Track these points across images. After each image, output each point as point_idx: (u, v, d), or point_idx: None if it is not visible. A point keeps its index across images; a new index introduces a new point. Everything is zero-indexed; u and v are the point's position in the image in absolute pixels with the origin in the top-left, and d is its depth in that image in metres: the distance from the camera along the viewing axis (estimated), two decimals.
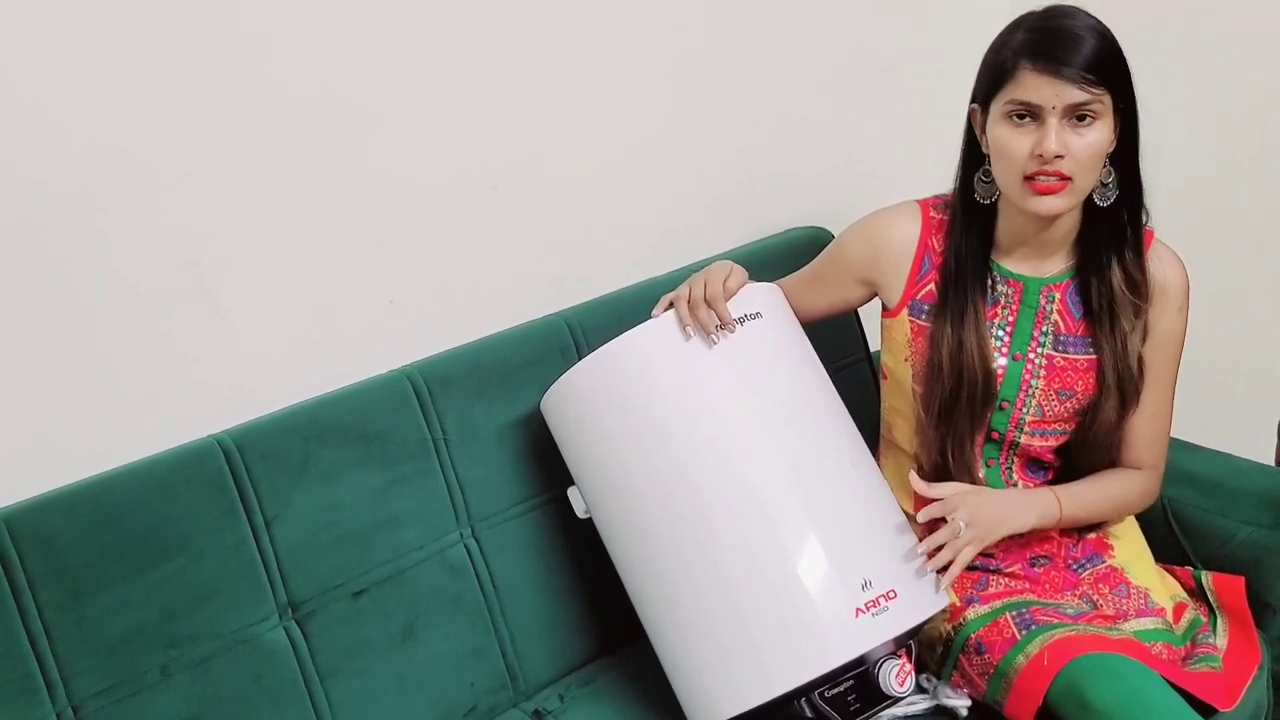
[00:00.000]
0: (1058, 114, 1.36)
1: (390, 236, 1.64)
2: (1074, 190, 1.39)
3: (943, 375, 1.49)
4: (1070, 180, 1.38)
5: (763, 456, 1.42)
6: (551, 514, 1.64)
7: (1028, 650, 1.39)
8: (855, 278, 1.60)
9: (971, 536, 1.42)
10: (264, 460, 1.45)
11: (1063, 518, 1.50)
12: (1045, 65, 1.35)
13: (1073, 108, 1.36)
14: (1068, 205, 1.41)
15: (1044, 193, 1.39)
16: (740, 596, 1.37)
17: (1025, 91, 1.37)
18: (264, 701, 1.42)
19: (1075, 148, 1.37)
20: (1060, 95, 1.35)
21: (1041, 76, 1.36)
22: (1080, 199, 1.42)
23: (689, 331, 1.43)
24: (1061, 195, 1.39)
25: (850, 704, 1.40)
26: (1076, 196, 1.41)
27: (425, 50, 1.62)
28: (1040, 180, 1.38)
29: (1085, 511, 1.53)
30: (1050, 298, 1.52)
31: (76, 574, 1.32)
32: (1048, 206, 1.40)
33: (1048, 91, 1.36)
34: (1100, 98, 1.35)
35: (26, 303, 1.38)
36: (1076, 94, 1.35)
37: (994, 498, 1.49)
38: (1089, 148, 1.37)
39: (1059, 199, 1.39)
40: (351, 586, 1.50)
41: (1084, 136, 1.37)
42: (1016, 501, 1.49)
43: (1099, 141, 1.38)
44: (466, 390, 1.60)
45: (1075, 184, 1.39)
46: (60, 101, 1.35)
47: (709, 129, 1.96)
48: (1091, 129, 1.37)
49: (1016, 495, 1.52)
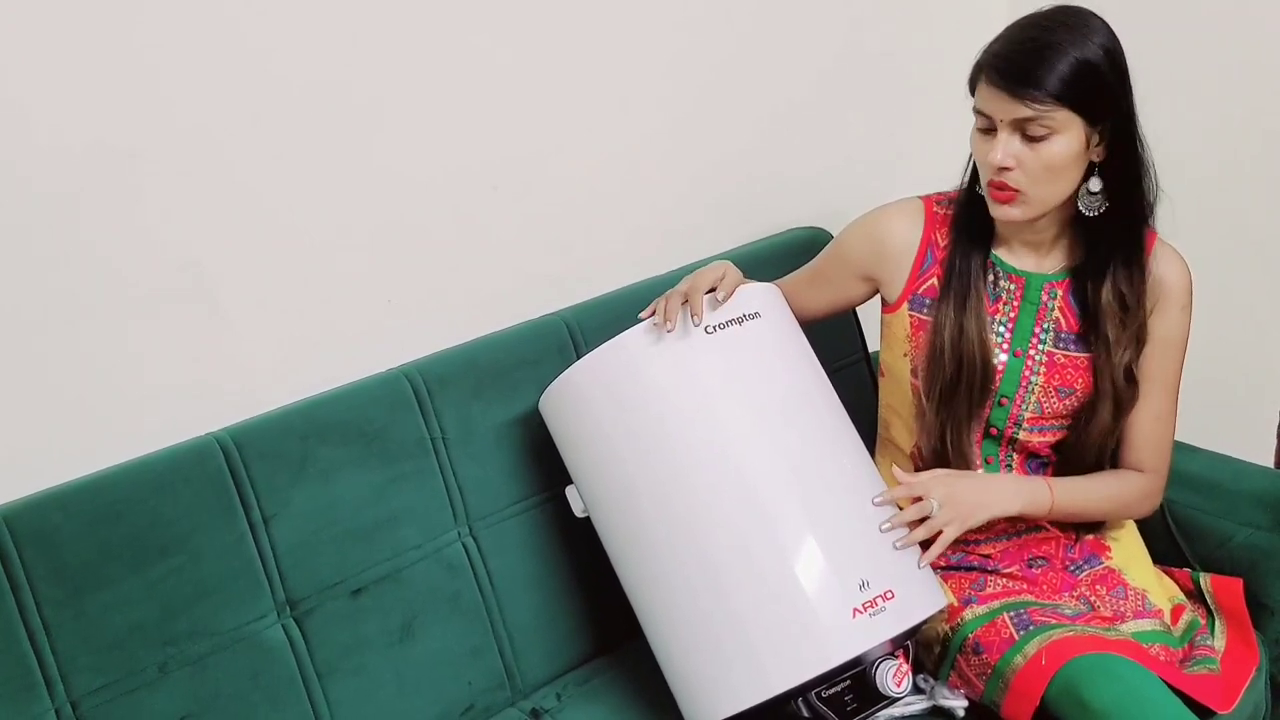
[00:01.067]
0: (1007, 127, 1.38)
1: (389, 236, 1.64)
2: (1027, 201, 1.42)
3: (944, 360, 1.50)
4: (1019, 192, 1.40)
5: (760, 456, 1.42)
6: (549, 513, 1.65)
7: (1025, 650, 1.39)
8: (857, 274, 1.61)
9: (951, 517, 1.42)
10: (262, 459, 1.46)
11: (1054, 508, 1.50)
12: (996, 79, 1.38)
13: (1018, 123, 1.37)
14: (1024, 215, 1.43)
15: (1000, 201, 1.43)
16: (737, 596, 1.37)
17: (981, 102, 1.41)
18: (262, 699, 1.42)
19: (1026, 160, 1.39)
20: (1007, 110, 1.37)
21: (990, 89, 1.39)
22: (1041, 209, 1.43)
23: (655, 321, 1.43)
24: (1014, 205, 1.42)
25: (847, 704, 1.39)
26: (1033, 207, 1.43)
27: (425, 50, 1.62)
28: (993, 189, 1.42)
29: (1079, 505, 1.52)
30: (1052, 294, 1.52)
31: (75, 571, 1.33)
32: (1003, 214, 1.44)
33: (996, 105, 1.38)
34: (1049, 114, 1.36)
35: (26, 301, 1.38)
36: (1021, 109, 1.36)
37: (977, 480, 1.49)
38: (1039, 161, 1.38)
39: (1012, 208, 1.43)
40: (349, 585, 1.50)
41: (1036, 151, 1.38)
42: (1004, 486, 1.50)
43: (1054, 156, 1.38)
44: (465, 389, 1.61)
45: (1026, 195, 1.41)
46: (60, 101, 1.36)
47: (708, 129, 1.96)
48: (1045, 144, 1.38)
49: (1005, 480, 1.52)
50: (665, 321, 1.41)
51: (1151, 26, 1.86)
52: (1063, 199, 1.44)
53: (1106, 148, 1.41)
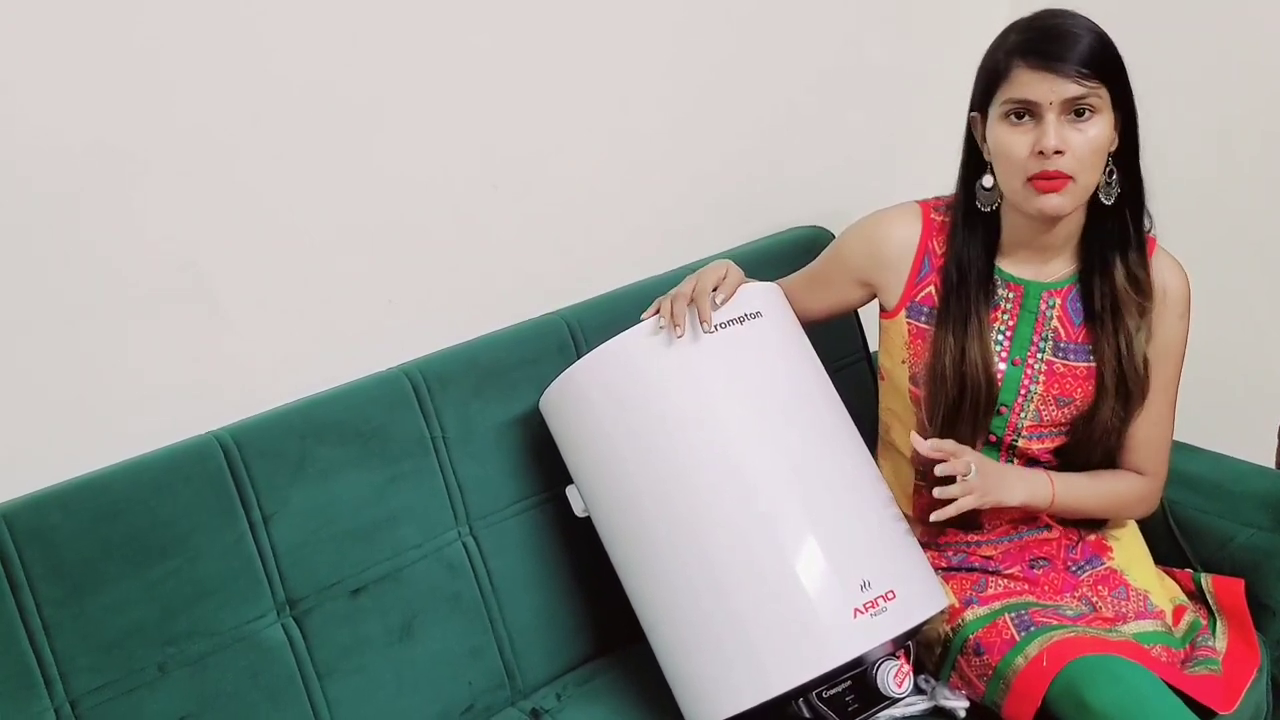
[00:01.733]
0: (1055, 109, 1.36)
1: (389, 235, 1.64)
2: (1076, 188, 1.39)
3: (946, 384, 1.49)
4: (1071, 179, 1.38)
5: (762, 456, 1.42)
6: (550, 513, 1.64)
7: (1027, 651, 1.39)
8: (854, 279, 1.60)
9: (974, 485, 1.41)
10: (262, 458, 1.45)
11: (1055, 502, 1.49)
12: (1039, 61, 1.36)
13: (1070, 102, 1.36)
14: (1071, 204, 1.41)
15: (1046, 191, 1.39)
16: (738, 596, 1.37)
17: (1021, 89, 1.37)
18: (261, 699, 1.42)
19: (1075, 143, 1.36)
20: (1056, 90, 1.35)
21: (1036, 73, 1.36)
22: (1083, 198, 1.42)
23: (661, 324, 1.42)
24: (1064, 194, 1.39)
25: (848, 705, 1.39)
26: (1079, 195, 1.41)
27: (425, 50, 1.62)
28: (1042, 180, 1.38)
29: (1079, 502, 1.52)
30: (1050, 304, 1.51)
31: (74, 571, 1.32)
32: (1051, 205, 1.40)
33: (1043, 88, 1.36)
34: (1097, 91, 1.35)
35: (26, 300, 1.38)
36: (1072, 88, 1.35)
37: (991, 463, 1.49)
38: (1089, 143, 1.37)
39: (1061, 197, 1.39)
40: (349, 584, 1.50)
41: (1084, 132, 1.37)
42: (1012, 475, 1.49)
43: (1099, 137, 1.37)
44: (465, 389, 1.60)
45: (1077, 182, 1.38)
46: (60, 101, 1.35)
47: (709, 128, 1.95)
48: (1091, 124, 1.37)
49: (1011, 470, 1.52)
50: (675, 327, 1.41)
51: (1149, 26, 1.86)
52: (1095, 189, 1.42)
53: (1120, 135, 1.42)
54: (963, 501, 1.40)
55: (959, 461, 1.40)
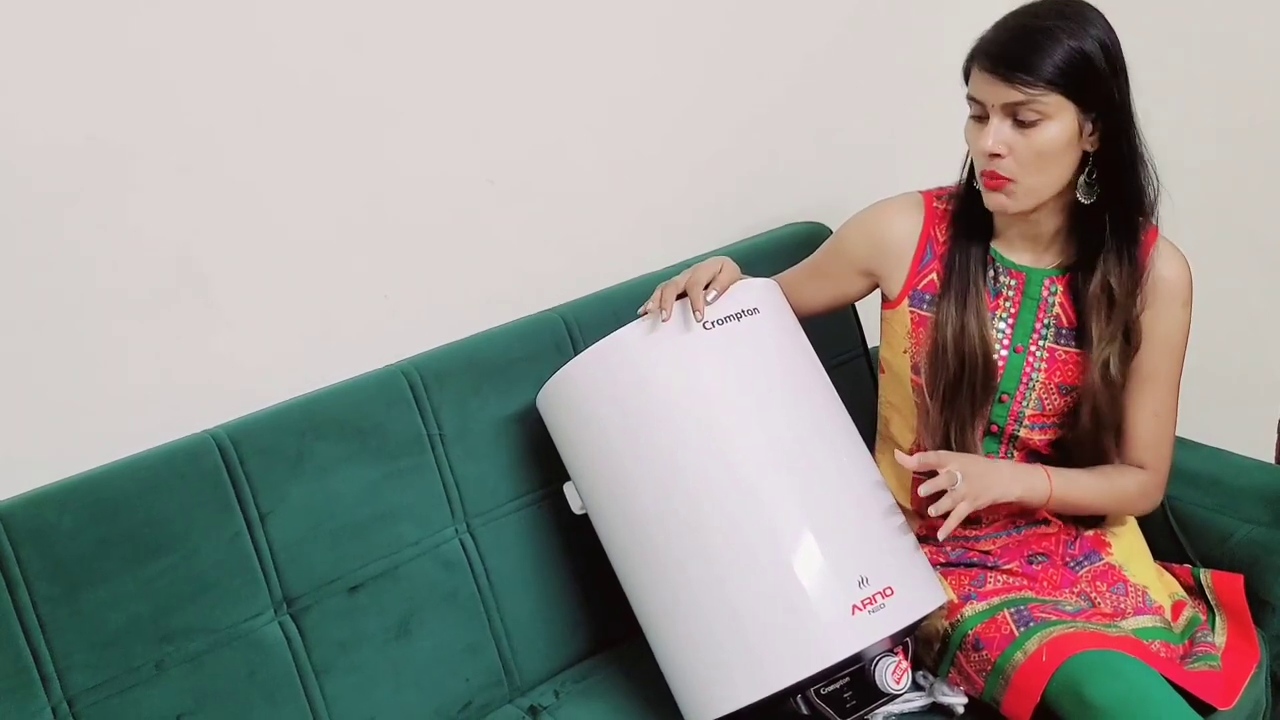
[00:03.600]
0: (998, 113, 1.38)
1: (386, 232, 1.64)
2: (1018, 190, 1.41)
3: (946, 358, 1.49)
4: (1011, 180, 1.40)
5: (759, 453, 1.41)
6: (547, 510, 1.64)
7: (1026, 647, 1.39)
8: (856, 269, 1.60)
9: (965, 492, 1.41)
10: (259, 455, 1.45)
11: (1052, 497, 1.49)
12: (987, 64, 1.38)
13: (1009, 108, 1.37)
14: (1017, 205, 1.43)
15: (990, 189, 1.43)
16: (736, 593, 1.37)
17: (973, 89, 1.41)
18: (258, 696, 1.42)
19: (1017, 147, 1.38)
20: (997, 95, 1.37)
21: (983, 75, 1.39)
22: (1034, 199, 1.43)
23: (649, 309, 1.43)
24: (1005, 193, 1.42)
25: (846, 701, 1.39)
26: (1024, 197, 1.42)
27: (421, 47, 1.62)
28: (986, 178, 1.42)
29: (1077, 497, 1.51)
30: (1052, 290, 1.51)
31: (71, 568, 1.32)
32: (995, 203, 1.44)
33: (987, 90, 1.38)
34: (1039, 98, 1.35)
35: (20, 298, 1.38)
36: (1012, 94, 1.36)
37: (981, 462, 1.48)
38: (1030, 148, 1.38)
39: (1005, 197, 1.42)
40: (347, 582, 1.49)
41: (1027, 137, 1.38)
42: (1005, 470, 1.49)
43: (1046, 142, 1.38)
44: (462, 386, 1.60)
45: (1019, 184, 1.41)
46: (55, 98, 1.35)
47: (705, 124, 1.95)
48: (1036, 130, 1.37)
49: (1005, 465, 1.51)
50: (661, 310, 1.41)
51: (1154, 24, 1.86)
52: (1057, 189, 1.43)
53: (1101, 138, 1.41)
54: (959, 510, 1.40)
55: (943, 476, 1.41)
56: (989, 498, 1.43)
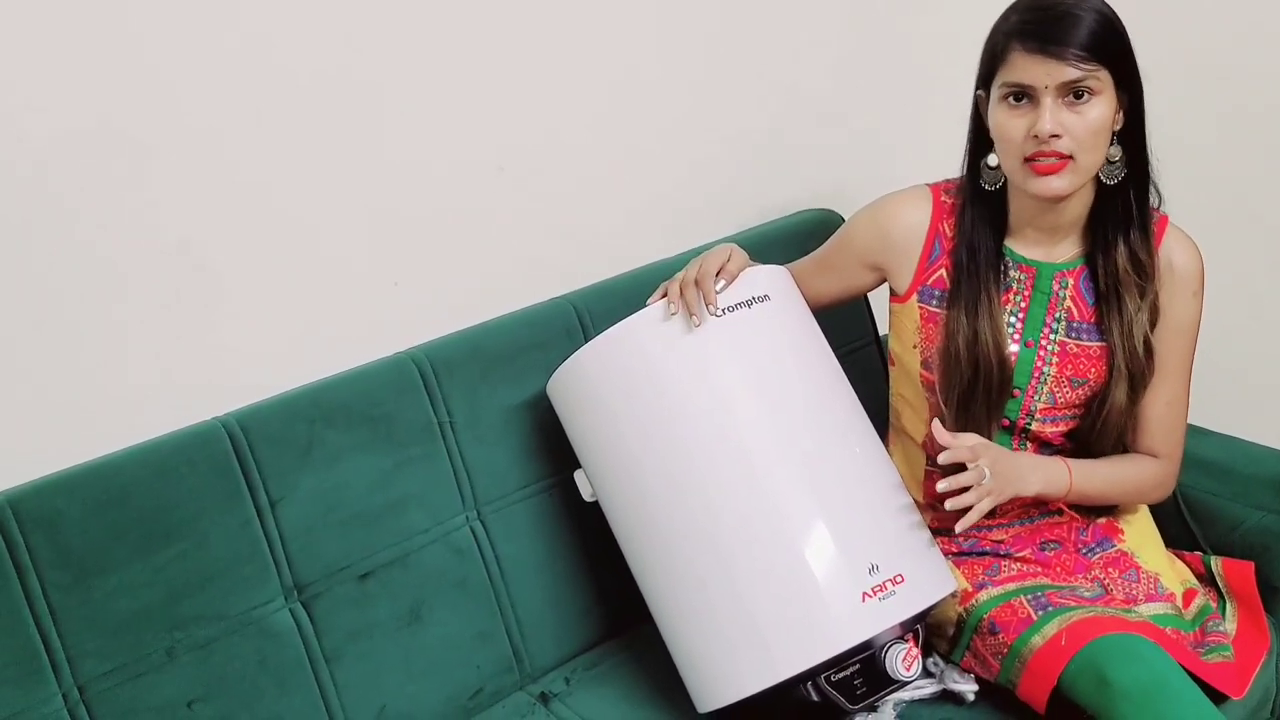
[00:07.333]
0: (1051, 93, 1.35)
1: (395, 220, 1.63)
2: (1075, 169, 1.38)
3: (960, 366, 1.48)
4: (1070, 159, 1.37)
5: (769, 440, 1.41)
6: (557, 497, 1.64)
7: (1044, 630, 1.38)
8: (864, 263, 1.59)
9: (991, 487, 1.39)
10: (269, 443, 1.45)
11: (1072, 489, 1.48)
12: (1035, 45, 1.35)
13: (1066, 86, 1.35)
14: (1070, 185, 1.40)
15: (1044, 173, 1.38)
16: (746, 580, 1.36)
17: (1017, 73, 1.37)
18: (269, 683, 1.42)
19: (1073, 126, 1.36)
20: (1051, 74, 1.34)
21: (1032, 57, 1.35)
22: (1085, 178, 1.41)
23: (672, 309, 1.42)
24: (1062, 175, 1.38)
25: (856, 688, 1.39)
26: (1080, 176, 1.40)
27: (429, 33, 1.61)
28: (1039, 161, 1.38)
29: (1096, 488, 1.51)
30: (1063, 284, 1.50)
31: (81, 556, 1.32)
32: (1049, 187, 1.39)
33: (1038, 71, 1.35)
34: (1094, 74, 1.34)
35: (31, 288, 1.37)
36: (1069, 71, 1.34)
37: (1008, 455, 1.47)
38: (1087, 125, 1.36)
39: (1059, 179, 1.38)
40: (357, 569, 1.49)
41: (1082, 115, 1.36)
42: (1026, 463, 1.48)
43: (1098, 119, 1.36)
44: (472, 373, 1.60)
45: (1076, 163, 1.38)
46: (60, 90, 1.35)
47: (716, 111, 1.94)
48: (1089, 106, 1.36)
49: (1027, 458, 1.50)
50: (691, 316, 1.40)
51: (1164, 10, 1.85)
52: (1098, 168, 1.42)
53: (1126, 115, 1.41)
54: (981, 505, 1.38)
55: (972, 472, 1.38)
56: (1011, 491, 1.42)
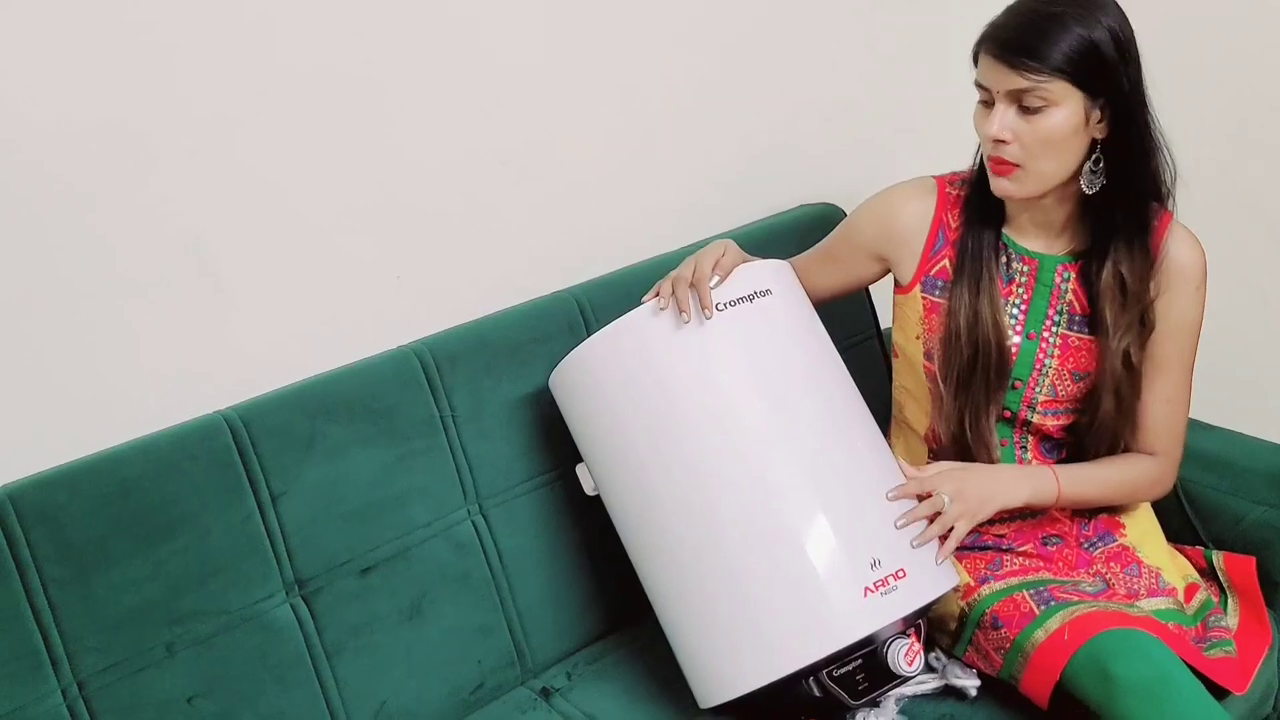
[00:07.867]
0: (1004, 99, 1.38)
1: (398, 213, 1.63)
2: (1025, 176, 1.41)
3: (959, 345, 1.49)
4: (1016, 166, 1.40)
5: (771, 434, 1.41)
6: (559, 491, 1.64)
7: (1047, 625, 1.38)
8: (868, 254, 1.59)
9: (961, 511, 1.41)
10: (270, 436, 1.45)
11: (1061, 497, 1.49)
12: (995, 50, 1.38)
13: (1014, 94, 1.37)
14: (1022, 190, 1.42)
15: (997, 175, 1.43)
16: (748, 575, 1.36)
17: (981, 74, 1.41)
18: (270, 678, 1.42)
19: (1022, 133, 1.38)
20: (1002, 81, 1.37)
21: (990, 61, 1.38)
22: (1042, 185, 1.42)
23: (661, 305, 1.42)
24: (1011, 179, 1.42)
25: (858, 683, 1.39)
26: (1034, 182, 1.42)
27: (433, 28, 1.60)
28: (992, 163, 1.42)
29: (1087, 494, 1.51)
30: (1065, 276, 1.50)
31: (81, 550, 1.32)
32: (1000, 189, 1.43)
33: (993, 76, 1.38)
34: (1044, 85, 1.35)
35: (32, 282, 1.37)
36: (1017, 80, 1.36)
37: (982, 474, 1.47)
38: (1036, 135, 1.37)
39: (1010, 182, 1.42)
40: (358, 563, 1.49)
41: (1031, 123, 1.37)
42: (1008, 477, 1.48)
43: (1050, 129, 1.37)
44: (474, 367, 1.60)
45: (1025, 170, 1.40)
46: (66, 83, 1.34)
47: (719, 105, 1.94)
48: (1041, 117, 1.37)
49: (1009, 471, 1.50)
50: (682, 313, 1.40)
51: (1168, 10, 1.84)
52: (1064, 175, 1.42)
53: (1109, 125, 1.40)
54: (958, 530, 1.41)
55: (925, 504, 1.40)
56: (990, 509, 1.44)
